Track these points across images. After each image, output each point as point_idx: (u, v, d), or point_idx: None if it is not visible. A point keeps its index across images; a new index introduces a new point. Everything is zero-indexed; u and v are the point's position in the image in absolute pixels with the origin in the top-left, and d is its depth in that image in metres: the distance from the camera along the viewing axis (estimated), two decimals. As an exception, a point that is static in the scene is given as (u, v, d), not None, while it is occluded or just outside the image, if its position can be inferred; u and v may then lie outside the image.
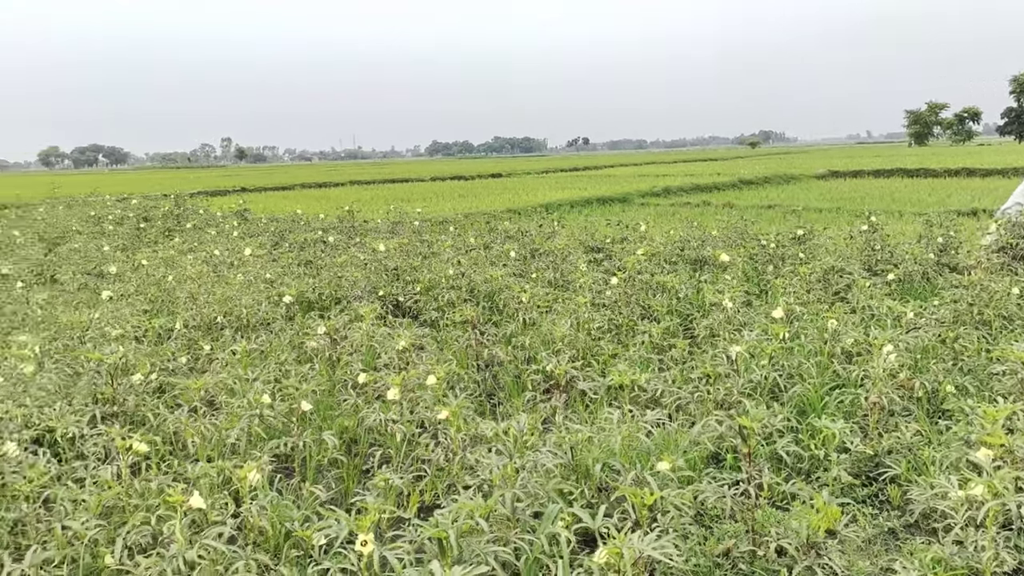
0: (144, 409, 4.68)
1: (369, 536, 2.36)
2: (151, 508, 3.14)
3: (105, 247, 11.14)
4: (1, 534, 3.03)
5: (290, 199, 26.03)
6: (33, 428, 4.14)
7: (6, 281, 8.52)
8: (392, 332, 6.06)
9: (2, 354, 5.36)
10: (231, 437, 4.06)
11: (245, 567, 2.63)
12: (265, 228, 13.84)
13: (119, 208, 17.87)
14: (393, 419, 4.12)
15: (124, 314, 6.72)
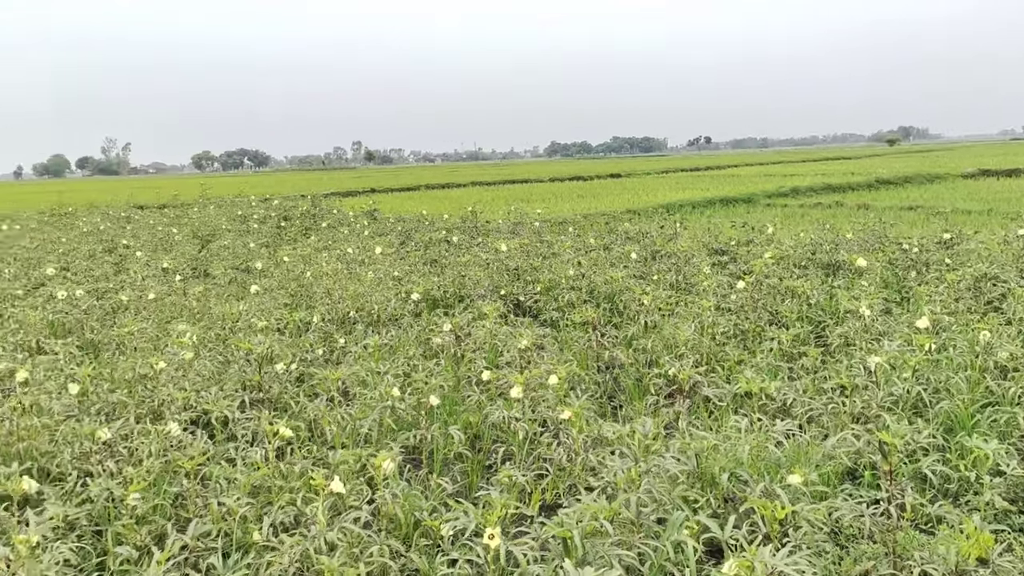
0: (286, 397, 5.02)
1: (496, 530, 2.43)
2: (294, 490, 3.37)
3: (251, 244, 11.98)
4: (166, 506, 3.35)
5: (415, 199, 26.96)
6: (191, 410, 4.54)
7: (167, 275, 9.37)
8: (513, 331, 6.17)
9: (166, 341, 5.91)
10: (364, 427, 4.28)
11: (379, 551, 2.77)
12: (393, 227, 14.42)
13: (262, 208, 19.17)
14: (516, 417, 4.20)
15: (268, 307, 7.22)
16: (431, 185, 37.31)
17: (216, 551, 2.96)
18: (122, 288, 8.27)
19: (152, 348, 5.91)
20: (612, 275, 7.74)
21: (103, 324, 7.13)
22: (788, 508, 2.63)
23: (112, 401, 4.68)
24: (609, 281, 7.72)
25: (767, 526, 2.66)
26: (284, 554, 2.74)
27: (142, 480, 3.16)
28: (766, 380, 3.98)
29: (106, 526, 3.14)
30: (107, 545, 3.06)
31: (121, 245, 12.17)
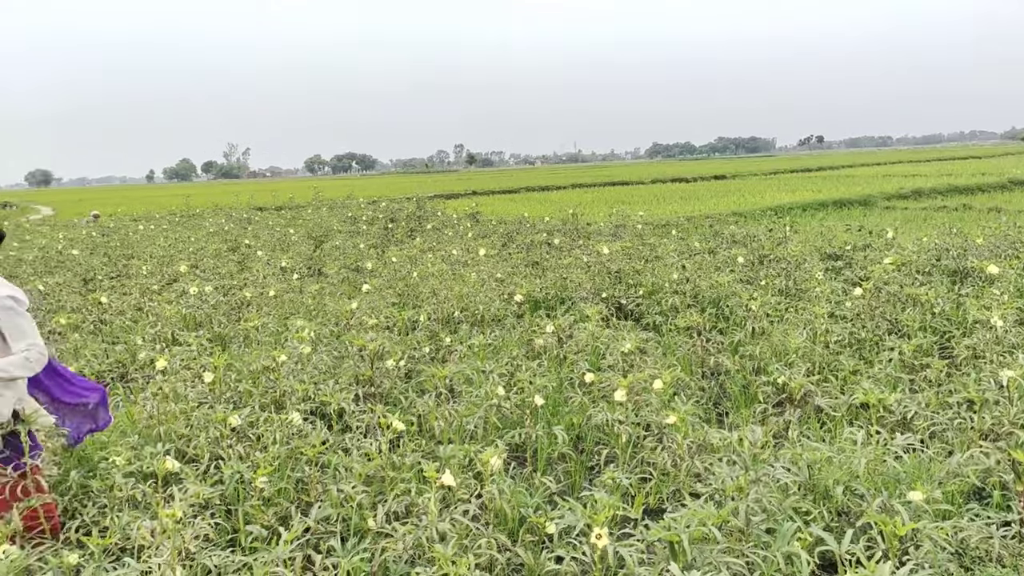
0: (396, 392, 5.23)
1: (604, 530, 2.46)
2: (405, 481, 3.52)
3: (361, 245, 12.49)
4: (290, 490, 3.58)
5: (516, 202, 27.24)
6: (309, 401, 4.81)
7: (285, 273, 9.92)
8: (616, 334, 6.16)
9: (285, 336, 6.28)
10: (470, 424, 4.40)
11: (488, 544, 2.86)
12: (495, 229, 14.66)
13: (370, 210, 19.92)
14: (619, 420, 4.20)
15: (378, 306, 7.52)
16: (531, 187, 37.58)
17: (335, 534, 3.14)
18: (245, 285, 8.83)
19: (273, 342, 6.29)
20: (718, 279, 7.58)
21: (229, 319, 7.64)
22: (910, 525, 2.52)
23: (239, 390, 5.03)
24: (715, 286, 7.56)
25: (886, 542, 2.56)
26: (399, 541, 2.88)
27: (269, 465, 3.39)
28: (885, 391, 3.81)
29: (236, 506, 3.39)
30: (237, 523, 3.31)
31: (243, 244, 12.97)
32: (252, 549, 3.00)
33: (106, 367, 6.00)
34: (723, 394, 5.33)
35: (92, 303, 7.76)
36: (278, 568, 2.53)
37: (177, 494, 2.73)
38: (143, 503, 3.37)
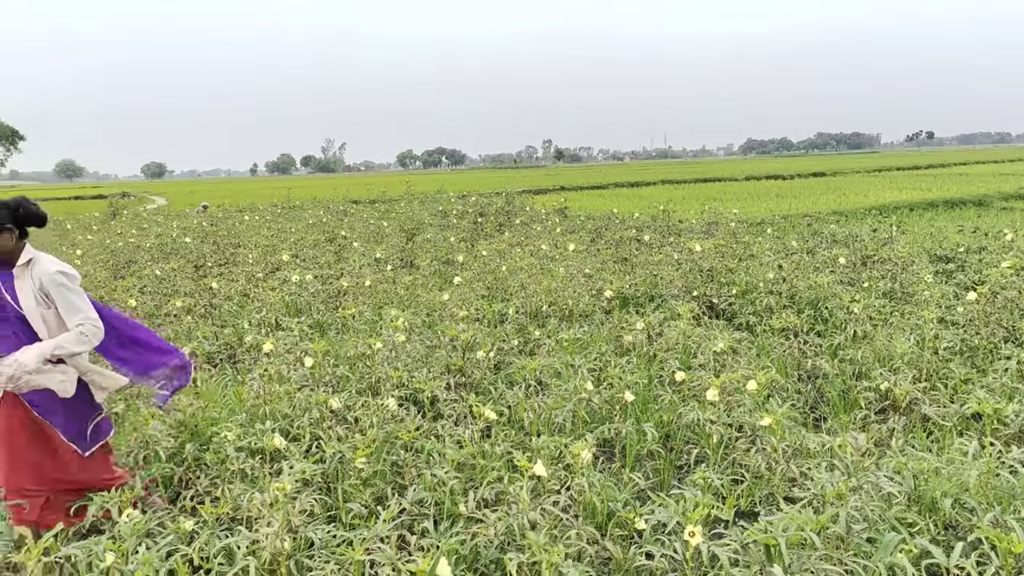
0: (485, 382, 5.32)
1: (697, 528, 2.44)
2: (496, 469, 3.59)
3: (451, 238, 12.73)
4: (386, 472, 3.71)
5: (604, 197, 27.05)
6: (403, 388, 4.97)
7: (379, 264, 10.23)
8: (707, 333, 6.05)
9: (380, 325, 6.49)
10: (559, 417, 4.43)
11: (577, 536, 2.89)
12: (583, 225, 14.62)
13: (460, 204, 20.25)
14: (711, 420, 4.14)
15: (468, 298, 7.66)
16: (620, 183, 37.23)
17: (428, 517, 3.24)
18: (342, 275, 9.17)
19: (369, 330, 6.52)
20: (816, 280, 7.32)
21: (327, 306, 7.96)
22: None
23: (337, 375, 5.24)
24: (813, 286, 7.30)
25: (1000, 559, 2.43)
26: (490, 527, 2.94)
27: (367, 447, 3.52)
28: (1001, 402, 3.59)
29: (336, 484, 3.55)
30: (337, 501, 3.46)
31: (340, 236, 13.44)
32: (352, 526, 3.13)
33: (216, 348, 6.37)
34: (820, 399, 5.15)
35: (203, 288, 8.25)
36: (378, 544, 2.64)
37: (286, 469, 2.88)
38: (251, 477, 3.58)
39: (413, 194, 25.51)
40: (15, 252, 3.16)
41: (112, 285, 8.48)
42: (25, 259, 3.17)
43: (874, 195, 21.30)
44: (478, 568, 3.01)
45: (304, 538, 3.03)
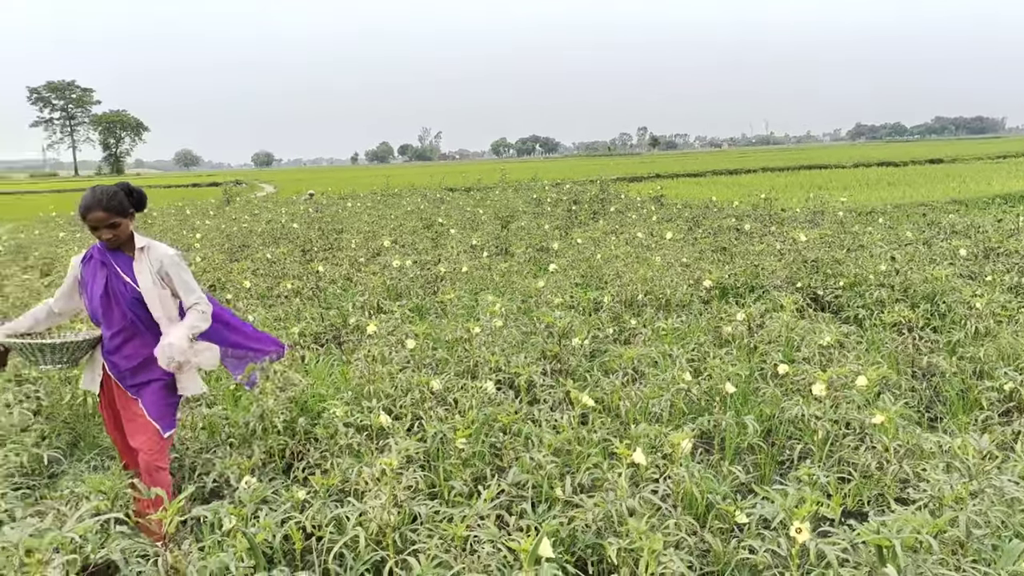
0: (581, 369, 5.34)
1: (805, 524, 2.38)
2: (592, 455, 3.60)
3: (545, 226, 12.77)
4: (485, 453, 3.80)
5: (702, 185, 26.39)
6: (500, 372, 5.05)
7: (475, 250, 10.39)
8: (812, 326, 5.83)
9: (476, 310, 6.61)
10: (656, 406, 4.39)
11: (676, 525, 2.87)
12: (680, 213, 14.33)
13: (554, 192, 20.24)
14: (816, 415, 4.00)
15: (563, 285, 7.68)
16: (718, 171, 36.19)
17: (526, 499, 3.30)
18: (439, 261, 9.37)
19: (466, 315, 6.65)
20: (933, 273, 6.90)
21: (425, 291, 8.17)
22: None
23: (436, 358, 5.38)
24: (929, 279, 6.90)
25: None
26: (588, 512, 2.97)
27: (467, 428, 3.61)
28: None
29: (437, 463, 3.66)
30: (438, 479, 3.57)
31: (437, 222, 13.73)
32: (454, 503, 3.23)
33: (322, 329, 6.66)
34: (936, 398, 4.88)
35: (310, 272, 8.63)
36: (479, 522, 2.71)
37: (394, 445, 3.00)
38: (359, 451, 3.74)
39: (507, 182, 25.68)
40: (130, 236, 3.25)
41: (228, 267, 9.00)
42: (141, 244, 3.26)
43: (998, 183, 19.83)
44: (575, 552, 3.04)
45: (408, 512, 3.15)
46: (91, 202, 3.08)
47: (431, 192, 23.15)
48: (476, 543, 2.75)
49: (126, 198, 3.18)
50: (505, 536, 2.70)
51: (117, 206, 3.12)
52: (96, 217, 3.08)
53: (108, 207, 3.09)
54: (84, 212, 3.10)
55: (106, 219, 3.10)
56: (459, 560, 2.68)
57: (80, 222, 3.28)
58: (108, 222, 3.11)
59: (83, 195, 3.16)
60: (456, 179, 33.47)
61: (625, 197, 18.63)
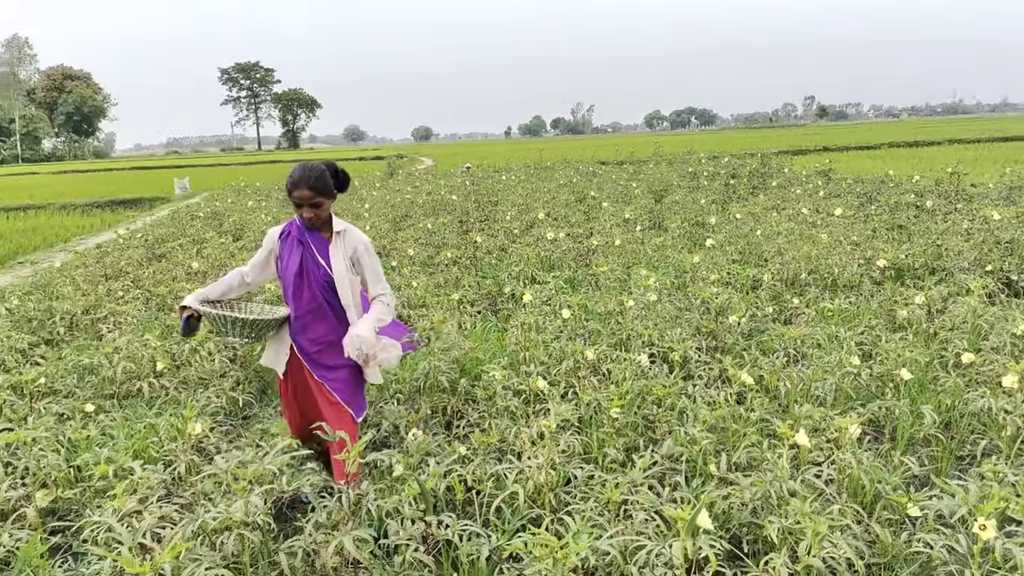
0: (737, 348, 5.19)
1: (991, 522, 2.21)
2: (750, 434, 3.52)
3: (701, 200, 12.39)
4: (638, 423, 3.82)
5: (876, 159, 24.39)
6: (653, 346, 5.02)
7: (628, 224, 10.30)
8: (1004, 312, 5.30)
9: (629, 284, 6.58)
10: (819, 389, 4.20)
11: (839, 512, 2.76)
12: (850, 189, 13.37)
13: (711, 166, 19.53)
14: (1006, 409, 3.65)
15: (720, 261, 7.45)
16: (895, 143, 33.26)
17: (679, 472, 3.29)
18: (591, 234, 9.39)
19: (619, 288, 6.64)
20: None
21: (578, 263, 8.23)
22: None
23: (589, 329, 5.44)
24: None
25: None
26: (744, 490, 2.92)
27: (621, 398, 3.65)
28: None
29: (591, 430, 3.73)
30: (591, 446, 3.64)
31: (589, 196, 13.72)
32: (608, 469, 3.29)
33: (478, 297, 6.92)
34: None
35: (468, 242, 8.95)
36: (634, 489, 2.76)
37: (553, 408, 3.10)
38: (515, 414, 3.89)
39: (661, 155, 25.07)
40: (329, 217, 3.20)
41: (393, 236, 9.54)
42: (339, 228, 3.20)
43: None
44: (730, 529, 3.00)
45: (563, 475, 3.25)
46: (299, 179, 3.05)
47: (583, 165, 23.09)
48: (630, 509, 2.79)
49: (331, 178, 3.14)
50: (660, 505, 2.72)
51: (323, 186, 3.08)
52: (302, 195, 3.05)
53: (315, 186, 3.05)
54: (291, 188, 3.08)
55: (311, 198, 3.06)
56: (612, 524, 2.74)
57: (286, 197, 3.28)
58: (312, 201, 3.07)
59: (292, 170, 3.14)
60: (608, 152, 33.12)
61: (788, 171, 17.63)
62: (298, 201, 3.07)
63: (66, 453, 3.66)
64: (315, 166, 3.12)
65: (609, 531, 2.63)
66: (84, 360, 5.00)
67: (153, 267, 8.32)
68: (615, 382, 4.16)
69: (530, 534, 2.21)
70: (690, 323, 5.45)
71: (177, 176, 28.19)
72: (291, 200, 3.10)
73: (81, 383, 4.86)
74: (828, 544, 2.42)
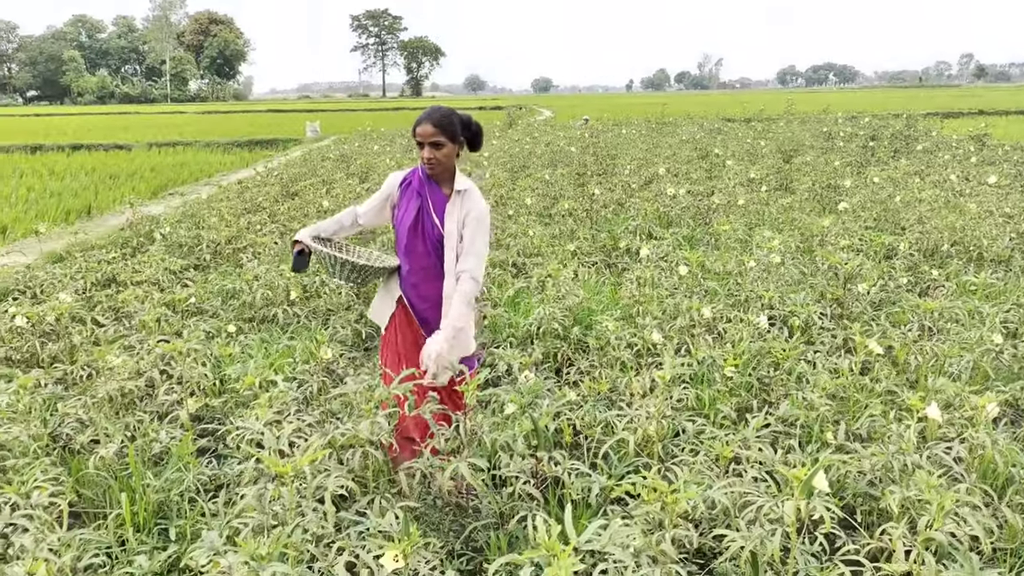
0: (865, 317, 4.95)
1: None
2: (873, 405, 3.39)
3: (835, 162, 11.69)
4: (752, 385, 3.75)
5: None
6: (772, 309, 4.87)
7: (753, 184, 9.90)
8: None
9: (750, 244, 6.37)
10: (953, 366, 3.96)
11: (967, 490, 2.63)
12: (1007, 156, 12.24)
13: (848, 126, 18.33)
14: None
15: (852, 227, 7.06)
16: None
17: (793, 436, 3.22)
18: (713, 192, 9.10)
19: (740, 248, 6.45)
20: None
21: (697, 221, 8.03)
22: None
23: (706, 288, 5.34)
24: None
25: None
26: (863, 459, 2.83)
27: (736, 357, 3.59)
28: None
29: (703, 388, 3.70)
30: (703, 402, 3.62)
31: (713, 153, 13.24)
32: (720, 425, 3.27)
33: (593, 250, 6.91)
34: None
35: (585, 194, 8.91)
36: (748, 446, 2.73)
37: (668, 360, 3.10)
38: (626, 365, 3.91)
39: (793, 114, 23.71)
40: (452, 170, 3.02)
41: (511, 185, 9.63)
42: (462, 187, 3.01)
43: None
44: (844, 498, 2.93)
45: (672, 427, 3.26)
46: (424, 115, 2.94)
47: (708, 122, 22.24)
48: (741, 467, 2.77)
49: (460, 125, 2.98)
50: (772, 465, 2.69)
51: (448, 126, 2.92)
52: (424, 130, 2.91)
53: (438, 124, 2.90)
54: (416, 124, 2.96)
55: (432, 134, 2.90)
56: (721, 480, 2.74)
57: (410, 139, 3.24)
58: (433, 138, 2.90)
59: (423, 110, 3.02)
60: (735, 109, 31.66)
61: (937, 135, 16.30)
62: (420, 137, 2.92)
63: (212, 366, 4.02)
64: (444, 108, 3.00)
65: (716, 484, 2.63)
66: (227, 285, 5.44)
67: (287, 204, 8.83)
68: (731, 342, 4.09)
69: (641, 477, 2.26)
70: (814, 288, 5.24)
71: (308, 120, 29.46)
72: (414, 138, 2.97)
73: (224, 305, 5.29)
74: (952, 521, 2.32)
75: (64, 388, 3.97)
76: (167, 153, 19.92)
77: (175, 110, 57.93)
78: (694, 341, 4.21)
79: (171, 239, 7.07)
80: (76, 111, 57.90)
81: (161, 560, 2.64)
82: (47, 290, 5.33)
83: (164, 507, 3.08)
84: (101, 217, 10.66)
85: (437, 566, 2.49)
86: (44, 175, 14.72)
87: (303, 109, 54.02)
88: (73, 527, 2.84)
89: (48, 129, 29.81)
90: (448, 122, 2.93)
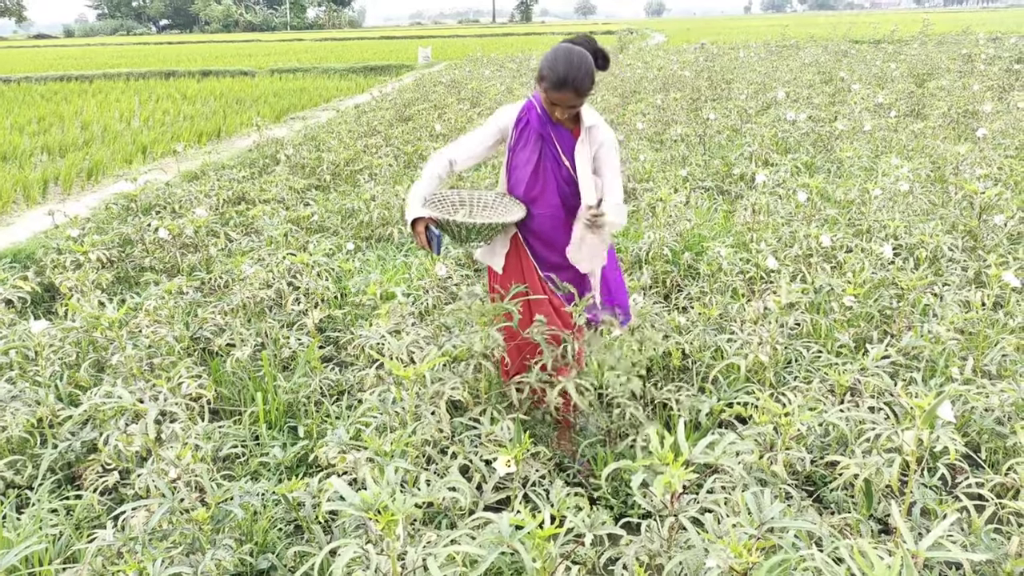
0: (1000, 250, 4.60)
1: None
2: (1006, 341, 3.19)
3: (975, 86, 10.68)
4: (873, 315, 3.61)
5: None
6: (899, 240, 4.60)
7: (881, 109, 9.22)
8: None
9: (875, 172, 6.00)
10: None
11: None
12: None
13: (992, 48, 16.62)
14: None
15: (990, 156, 6.49)
16: None
17: (917, 369, 3.10)
18: (836, 118, 8.55)
19: (864, 176, 6.08)
20: None
21: (817, 148, 7.61)
22: None
23: (825, 216, 5.10)
24: None
25: None
26: (992, 395, 2.70)
27: (858, 287, 3.45)
28: None
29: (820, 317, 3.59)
30: (818, 332, 3.52)
31: (838, 77, 12.38)
32: (837, 354, 3.19)
33: (706, 176, 6.71)
34: None
35: (699, 119, 8.58)
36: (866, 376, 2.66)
37: (784, 286, 3.03)
38: (736, 292, 3.84)
39: (928, 35, 21.65)
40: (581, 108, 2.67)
41: (623, 110, 9.40)
42: (591, 122, 2.69)
43: None
44: (967, 434, 2.82)
45: (784, 355, 3.20)
46: (565, 78, 2.50)
47: (833, 44, 20.67)
48: (857, 398, 2.71)
49: (593, 62, 2.60)
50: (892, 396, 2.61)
51: (589, 87, 2.56)
52: (565, 97, 2.54)
53: (583, 90, 2.54)
54: (557, 85, 2.51)
55: (574, 102, 2.56)
56: (835, 407, 2.69)
57: (536, 84, 2.63)
58: (572, 104, 2.57)
59: (554, 56, 2.54)
60: (864, 30, 29.21)
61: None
62: (558, 101, 2.56)
63: (333, 280, 4.25)
64: (585, 59, 2.53)
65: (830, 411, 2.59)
66: (347, 204, 5.67)
67: (401, 127, 9.01)
68: (851, 271, 3.92)
69: (754, 397, 2.25)
70: (945, 219, 4.91)
71: (420, 46, 29.53)
72: (547, 92, 2.57)
73: (343, 224, 5.54)
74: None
75: (203, 295, 4.32)
76: (288, 79, 20.57)
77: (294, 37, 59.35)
78: (811, 270, 4.07)
79: (294, 160, 7.40)
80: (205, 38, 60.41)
81: (292, 453, 2.89)
82: (185, 205, 5.74)
83: (293, 407, 3.34)
84: (229, 139, 11.26)
85: (546, 475, 2.61)
86: (177, 99, 15.61)
87: (415, 36, 54.11)
88: (211, 422, 3.14)
89: (179, 56, 31.33)
90: (590, 83, 2.55)
